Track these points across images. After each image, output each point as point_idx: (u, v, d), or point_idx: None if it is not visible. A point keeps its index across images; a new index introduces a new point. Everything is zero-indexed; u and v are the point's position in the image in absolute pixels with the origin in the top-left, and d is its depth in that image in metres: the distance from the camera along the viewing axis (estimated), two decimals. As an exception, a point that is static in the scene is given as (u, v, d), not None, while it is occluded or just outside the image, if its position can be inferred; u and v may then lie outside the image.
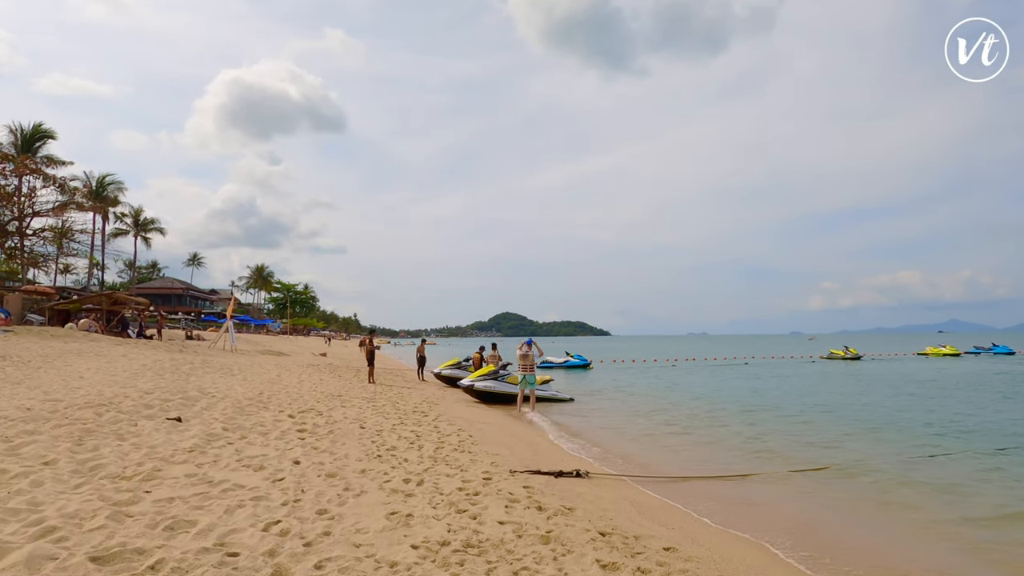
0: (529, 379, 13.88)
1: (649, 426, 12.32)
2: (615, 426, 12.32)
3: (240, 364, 18.35)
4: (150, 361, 14.52)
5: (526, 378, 13.92)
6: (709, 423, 12.72)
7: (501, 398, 15.07)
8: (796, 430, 11.67)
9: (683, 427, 12.15)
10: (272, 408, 9.35)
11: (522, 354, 14.11)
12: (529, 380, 13.88)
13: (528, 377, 13.89)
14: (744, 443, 10.29)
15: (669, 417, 13.52)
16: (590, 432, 11.37)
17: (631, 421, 13.00)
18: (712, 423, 12.76)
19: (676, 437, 11.00)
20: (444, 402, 13.62)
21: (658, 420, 13.13)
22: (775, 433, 11.31)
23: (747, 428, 11.96)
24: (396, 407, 11.65)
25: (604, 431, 11.69)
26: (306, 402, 10.72)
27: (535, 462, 7.24)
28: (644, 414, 14.02)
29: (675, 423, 12.64)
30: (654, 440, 10.61)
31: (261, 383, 13.34)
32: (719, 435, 11.27)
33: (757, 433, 11.34)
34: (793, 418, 13.29)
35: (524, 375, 13.94)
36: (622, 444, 10.20)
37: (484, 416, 11.72)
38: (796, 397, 17.81)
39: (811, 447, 9.82)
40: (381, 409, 11.06)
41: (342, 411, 10.17)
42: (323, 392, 13.02)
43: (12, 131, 38.22)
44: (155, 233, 59.42)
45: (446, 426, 9.49)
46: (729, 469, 8.14)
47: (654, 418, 13.41)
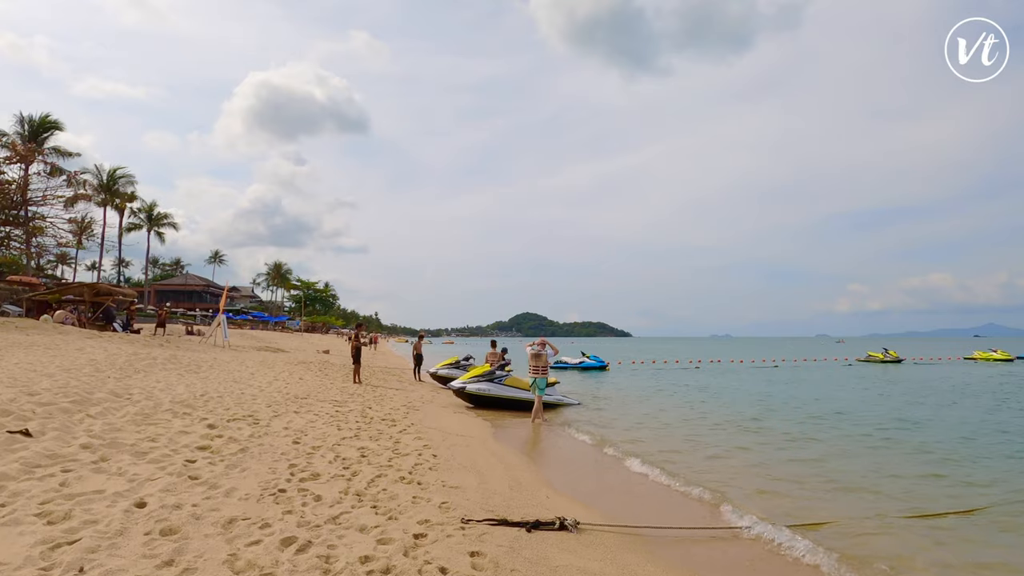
0: (539, 383, 11.85)
1: (676, 443, 9.70)
2: (630, 440, 10.10)
3: (217, 361, 16.73)
4: (104, 356, 12.93)
5: (536, 382, 11.82)
6: (755, 439, 10.28)
7: (497, 403, 13.08)
8: (884, 452, 8.89)
9: (721, 444, 9.66)
10: (196, 415, 7.53)
11: (533, 354, 11.93)
12: (539, 384, 11.87)
13: (539, 381, 11.85)
14: (812, 468, 7.75)
15: (701, 429, 11.20)
16: (594, 449, 9.09)
17: (653, 435, 10.62)
18: (760, 438, 10.22)
19: (714, 460, 8.35)
20: (427, 407, 11.69)
21: (686, 433, 10.76)
22: (854, 456, 8.57)
23: (809, 446, 9.42)
24: (364, 413, 9.76)
25: (609, 445, 9.27)
26: (251, 407, 8.90)
27: (509, 499, 5.23)
28: (669, 425, 11.65)
29: (709, 438, 10.31)
30: (684, 462, 8.10)
31: (218, 383, 11.60)
32: (772, 456, 8.57)
33: (824, 454, 8.67)
34: (871, 435, 10.45)
35: (535, 378, 11.84)
36: (637, 471, 7.61)
37: (466, 426, 9.73)
38: (859, 406, 14.95)
39: (915, 480, 7.18)
40: (343, 416, 9.18)
41: (289, 419, 8.31)
42: (287, 394, 11.21)
43: (20, 121, 37.74)
44: (168, 228, 58.95)
45: (411, 441, 7.54)
46: (801, 512, 5.68)
47: (682, 431, 11.04)
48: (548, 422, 11.70)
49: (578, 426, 11.22)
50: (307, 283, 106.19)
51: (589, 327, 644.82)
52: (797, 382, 22.89)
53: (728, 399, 16.30)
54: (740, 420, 12.26)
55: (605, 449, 8.83)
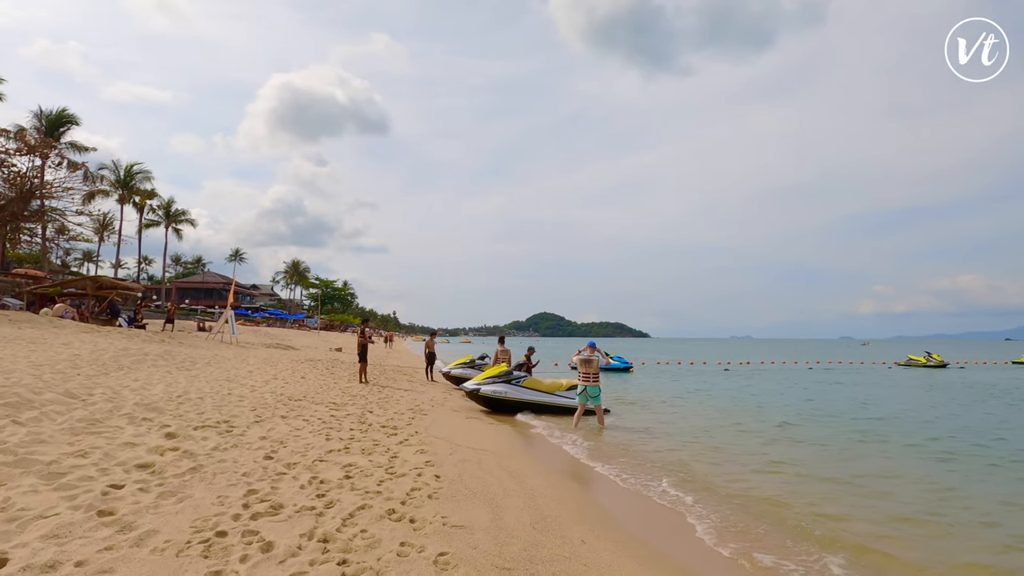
0: (592, 391, 10.56)
1: (741, 470, 7.35)
2: (673, 449, 8.60)
3: (216, 357, 15.72)
4: (89, 351, 11.95)
5: (587, 390, 10.56)
6: (837, 456, 8.16)
7: (515, 407, 11.74)
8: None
9: (799, 464, 7.60)
10: (158, 421, 6.35)
11: (583, 359, 10.73)
12: (592, 393, 10.56)
13: (590, 389, 10.55)
14: (936, 502, 5.98)
15: (761, 444, 9.36)
16: (638, 469, 7.31)
17: (704, 449, 8.78)
18: (844, 454, 8.29)
19: (797, 483, 6.63)
20: (436, 412, 10.40)
21: (745, 451, 8.69)
22: (990, 490, 6.57)
23: (925, 469, 7.53)
24: (363, 419, 8.51)
25: (659, 468, 7.41)
26: (231, 410, 7.71)
27: (531, 545, 3.88)
28: (719, 439, 9.78)
29: (776, 455, 8.28)
30: (754, 485, 6.33)
31: (207, 381, 10.49)
32: (871, 485, 6.57)
33: (949, 487, 6.66)
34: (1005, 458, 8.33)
35: (586, 386, 10.59)
36: (707, 501, 5.79)
37: (479, 436, 8.38)
38: (950, 421, 12.39)
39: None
40: (337, 422, 7.94)
41: (271, 426, 7.09)
42: (281, 395, 10.04)
43: (36, 115, 37.61)
44: (186, 225, 58.88)
45: (411, 455, 6.24)
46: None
47: (737, 447, 9.04)
48: (566, 433, 10.33)
49: (611, 436, 9.82)
50: (325, 281, 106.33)
51: (607, 327, 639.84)
52: (843, 388, 21.05)
53: (777, 408, 14.42)
54: (810, 438, 10.08)
55: (651, 474, 7.30)
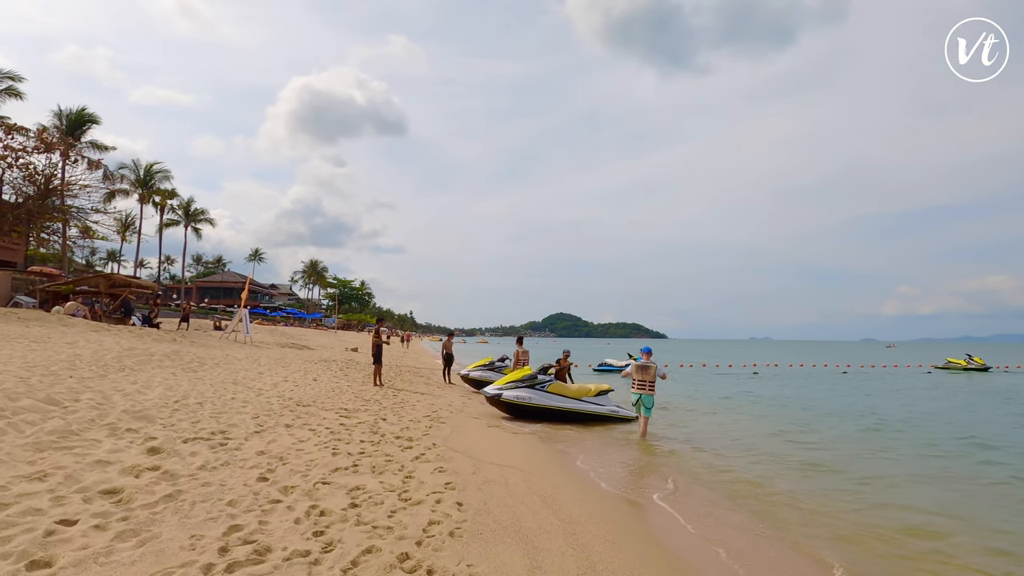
0: (647, 401, 9.57)
1: (851, 506, 5.96)
2: (730, 468, 7.60)
3: (227, 358, 15.15)
4: (92, 351, 11.40)
5: (643, 399, 9.56)
6: (990, 496, 6.67)
7: (540, 414, 10.86)
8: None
9: (946, 509, 5.95)
10: (145, 431, 5.63)
11: (640, 365, 9.66)
12: (647, 403, 9.57)
13: (646, 398, 9.56)
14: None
15: (854, 464, 7.92)
16: (705, 499, 6.05)
17: (777, 468, 7.63)
18: (994, 493, 6.79)
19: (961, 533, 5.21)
20: (455, 419, 9.58)
21: (846, 478, 7.13)
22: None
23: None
24: (376, 428, 7.73)
25: (725, 496, 6.22)
26: (231, 418, 6.98)
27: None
28: (790, 456, 8.48)
29: (890, 486, 6.84)
30: (898, 543, 4.87)
31: (211, 384, 9.82)
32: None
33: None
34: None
35: (640, 395, 9.57)
36: (823, 548, 4.63)
37: (505, 449, 7.52)
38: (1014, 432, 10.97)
39: None
40: (347, 432, 7.16)
41: (273, 437, 6.33)
42: (289, 399, 9.32)
43: (57, 115, 37.82)
44: (205, 224, 59.17)
45: (428, 475, 5.42)
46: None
47: (824, 471, 7.54)
48: (603, 444, 9.42)
49: (655, 448, 8.89)
50: (343, 281, 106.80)
51: (624, 328, 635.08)
52: (890, 393, 19.71)
53: (843, 418, 12.93)
54: (886, 454, 8.78)
55: (712, 500, 6.18)
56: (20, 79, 30.71)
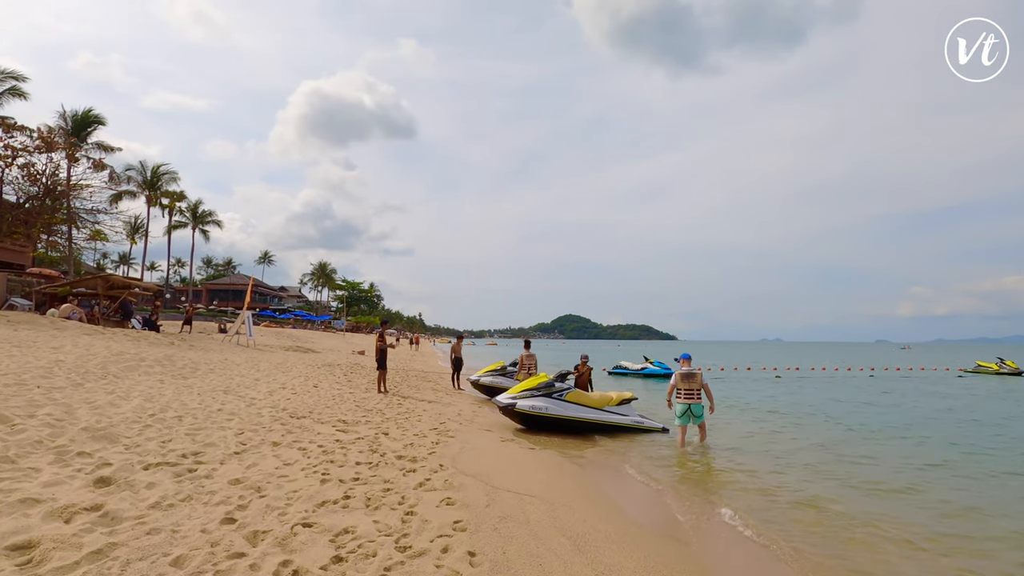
0: (696, 410, 8.91)
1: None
2: (801, 488, 6.61)
3: (225, 363, 14.36)
4: (77, 356, 10.63)
5: (692, 409, 8.89)
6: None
7: (558, 425, 9.91)
8: None
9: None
10: (101, 455, 4.78)
11: (686, 373, 8.99)
12: (696, 412, 8.91)
13: (695, 407, 8.90)
14: None
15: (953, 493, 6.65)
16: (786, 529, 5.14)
17: (832, 486, 6.67)
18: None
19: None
20: (465, 432, 8.65)
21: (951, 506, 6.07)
22: None
23: None
24: (375, 445, 6.82)
25: (789, 519, 5.41)
26: (210, 436, 6.12)
27: None
28: (842, 470, 7.57)
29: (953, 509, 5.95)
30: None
31: (198, 393, 9.00)
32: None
33: None
34: None
35: (690, 405, 8.89)
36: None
37: (522, 471, 6.56)
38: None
39: None
40: (342, 451, 6.27)
41: (254, 459, 5.45)
42: (283, 410, 8.47)
43: (62, 116, 37.49)
44: (213, 226, 58.85)
45: (433, 509, 4.50)
46: None
47: (911, 493, 6.56)
48: (631, 454, 8.45)
49: (699, 461, 7.91)
50: (352, 283, 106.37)
51: (633, 330, 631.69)
52: (935, 398, 18.50)
53: (909, 430, 11.48)
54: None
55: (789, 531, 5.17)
56: (23, 79, 30.30)
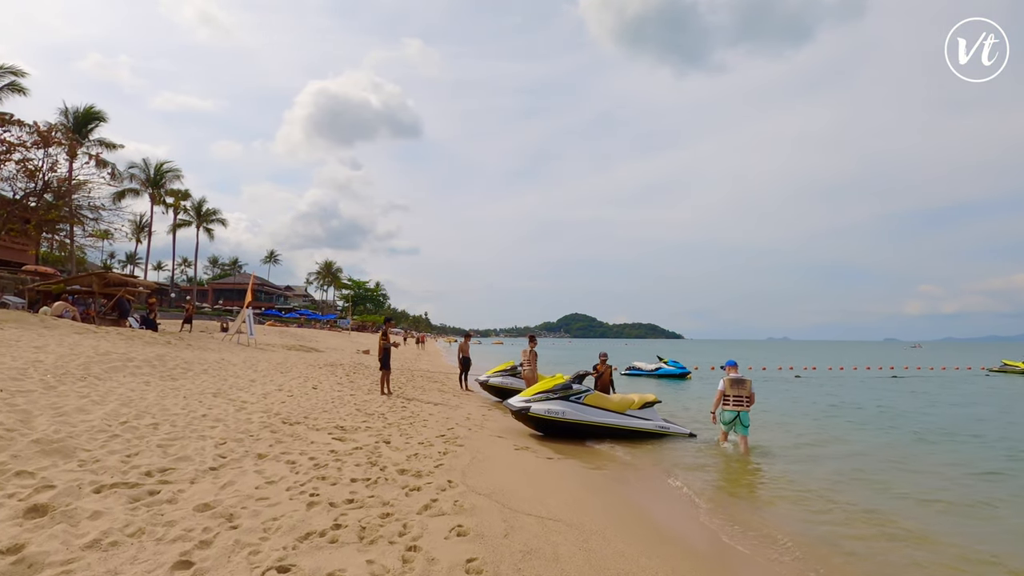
0: (744, 419, 8.39)
1: None
2: (876, 510, 5.73)
3: (221, 363, 13.65)
4: (57, 356, 9.91)
5: (741, 417, 8.37)
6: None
7: (577, 431, 9.07)
8: None
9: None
10: (47, 473, 4.01)
11: (736, 379, 8.51)
12: (744, 421, 8.39)
13: (744, 416, 8.38)
14: None
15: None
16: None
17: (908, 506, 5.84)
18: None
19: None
20: (475, 439, 7.84)
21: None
22: None
23: None
24: (374, 457, 6.02)
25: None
26: (186, 447, 5.35)
27: None
28: (912, 484, 6.75)
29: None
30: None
31: (183, 396, 8.25)
32: None
33: None
34: None
35: (739, 413, 8.37)
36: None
37: (542, 487, 5.72)
38: None
39: None
40: (337, 465, 5.48)
41: (232, 476, 4.67)
42: (275, 415, 7.70)
43: (64, 112, 37.02)
44: (217, 224, 58.38)
45: (441, 543, 3.70)
46: None
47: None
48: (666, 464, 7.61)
49: (738, 483, 7.06)
50: (357, 282, 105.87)
51: (639, 328, 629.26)
52: (970, 399, 17.53)
53: (940, 435, 10.55)
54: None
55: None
56: (22, 74, 29.78)
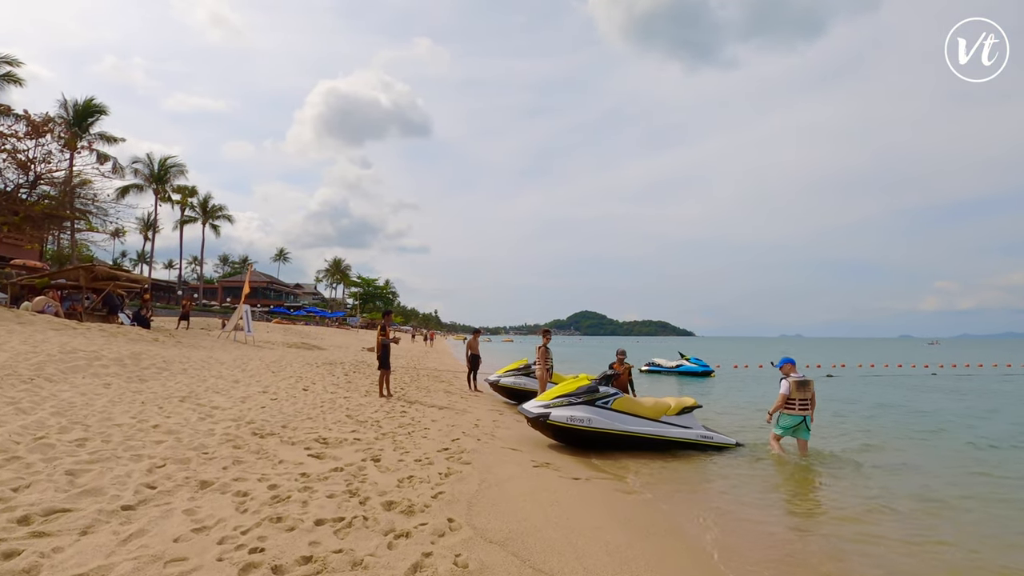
0: (808, 423, 7.58)
1: None
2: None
3: (209, 361, 12.48)
4: (16, 354, 8.78)
5: (806, 422, 7.52)
6: None
7: (605, 441, 7.71)
8: None
9: None
10: None
11: (801, 381, 7.58)
12: (808, 425, 7.58)
13: (808, 421, 7.56)
14: None
15: None
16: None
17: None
18: None
19: None
20: (486, 452, 6.52)
21: None
22: None
23: None
24: (360, 476, 4.73)
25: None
26: (106, 472, 4.09)
27: None
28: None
29: None
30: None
31: (141, 403, 7.04)
32: None
33: None
34: None
35: (805, 417, 7.50)
36: None
37: (576, 526, 4.32)
38: None
39: None
40: (305, 493, 4.19)
41: (161, 511, 3.40)
42: (250, 423, 6.45)
43: (63, 104, 36.25)
44: (223, 221, 57.63)
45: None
46: None
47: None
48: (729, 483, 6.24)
49: (838, 492, 5.67)
50: (367, 280, 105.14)
51: (650, 326, 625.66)
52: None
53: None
54: None
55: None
56: (17, 63, 28.91)
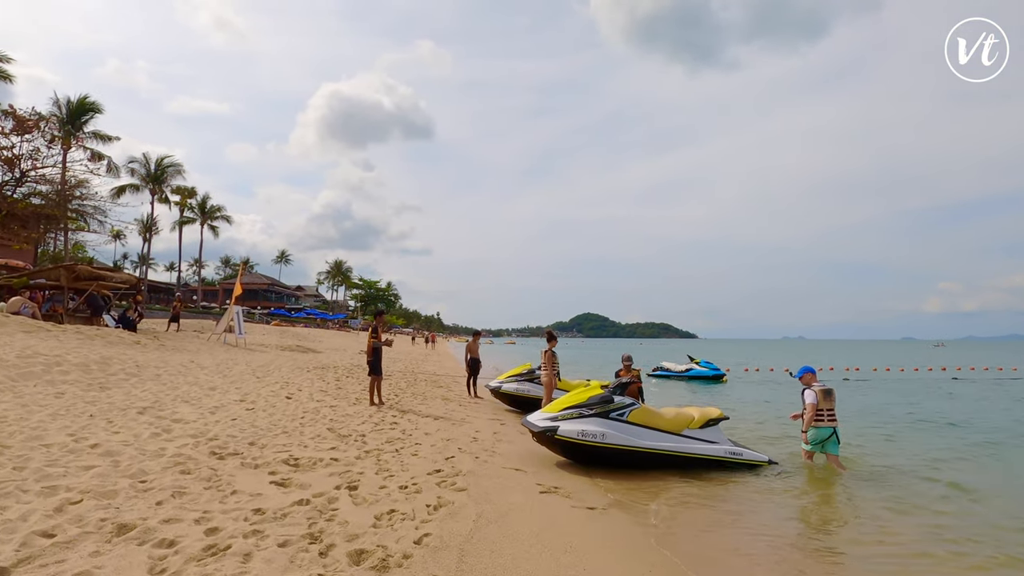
0: (839, 435, 6.97)
1: None
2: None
3: (189, 366, 11.60)
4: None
5: (836, 434, 6.89)
6: None
7: (621, 459, 6.77)
8: None
9: None
10: None
11: (827, 390, 6.96)
12: (839, 437, 6.98)
13: (837, 432, 6.94)
14: None
15: None
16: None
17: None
18: None
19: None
20: (485, 474, 5.60)
21: None
22: None
23: None
24: (327, 513, 3.83)
25: None
26: (2, 512, 3.21)
27: None
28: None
29: None
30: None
31: (92, 416, 6.15)
32: None
33: None
34: None
35: (834, 429, 6.88)
36: None
37: (596, 567, 3.42)
38: None
39: None
40: (249, 538, 3.28)
41: (92, 558, 2.50)
42: (213, 439, 5.55)
43: (56, 102, 35.53)
44: (222, 222, 56.89)
45: None
46: None
47: None
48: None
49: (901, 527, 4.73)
50: (368, 282, 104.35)
51: (652, 328, 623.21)
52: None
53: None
54: None
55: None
56: (8, 60, 28.18)
